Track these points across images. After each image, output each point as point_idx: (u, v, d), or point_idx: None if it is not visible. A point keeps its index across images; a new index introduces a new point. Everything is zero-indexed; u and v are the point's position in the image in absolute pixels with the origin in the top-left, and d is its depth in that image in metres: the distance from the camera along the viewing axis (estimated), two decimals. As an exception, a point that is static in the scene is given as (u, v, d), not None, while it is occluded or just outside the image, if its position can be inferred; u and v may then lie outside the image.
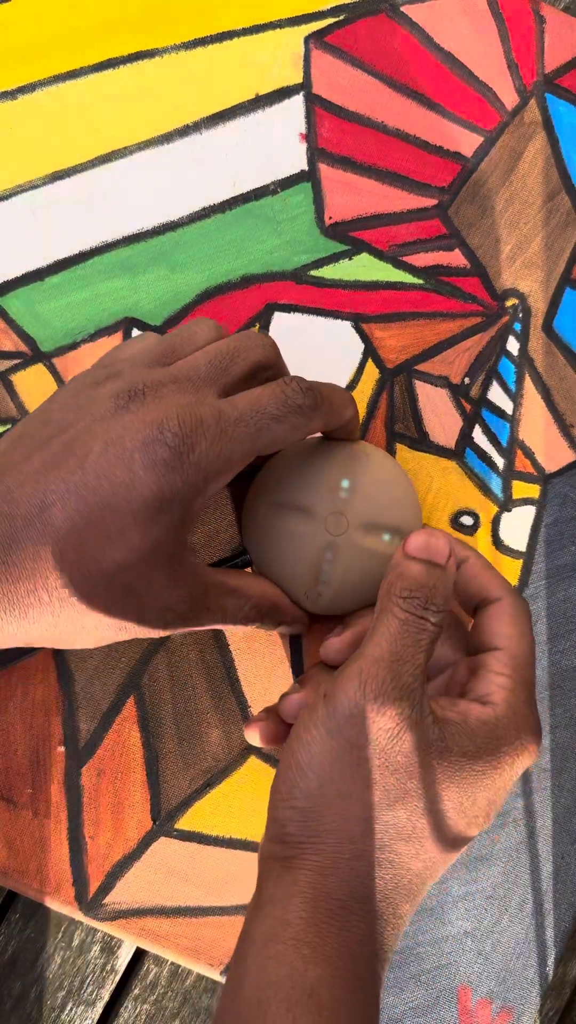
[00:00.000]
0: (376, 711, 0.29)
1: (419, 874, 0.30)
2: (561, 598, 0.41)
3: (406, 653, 0.30)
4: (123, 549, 0.29)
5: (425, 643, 0.31)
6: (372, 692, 0.30)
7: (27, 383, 0.41)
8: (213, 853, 0.39)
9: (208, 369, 0.32)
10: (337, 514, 0.35)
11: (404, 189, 0.43)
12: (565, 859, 0.40)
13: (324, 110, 0.43)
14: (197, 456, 0.30)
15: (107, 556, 0.29)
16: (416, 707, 0.30)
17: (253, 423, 0.31)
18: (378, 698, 0.30)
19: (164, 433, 0.29)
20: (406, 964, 0.39)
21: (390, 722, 0.29)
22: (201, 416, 0.30)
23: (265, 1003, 0.27)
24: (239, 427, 0.31)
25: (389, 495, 0.36)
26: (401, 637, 0.31)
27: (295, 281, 0.42)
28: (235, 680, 0.39)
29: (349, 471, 0.36)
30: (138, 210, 0.42)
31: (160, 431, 0.29)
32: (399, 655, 0.30)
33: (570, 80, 0.44)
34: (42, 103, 0.42)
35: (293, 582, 0.36)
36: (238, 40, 0.43)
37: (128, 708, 0.39)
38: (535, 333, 0.42)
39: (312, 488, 0.35)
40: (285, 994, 0.27)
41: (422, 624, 0.31)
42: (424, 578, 0.32)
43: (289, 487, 0.35)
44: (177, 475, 0.29)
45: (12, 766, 0.38)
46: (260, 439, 0.31)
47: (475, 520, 0.41)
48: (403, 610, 0.31)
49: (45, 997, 0.40)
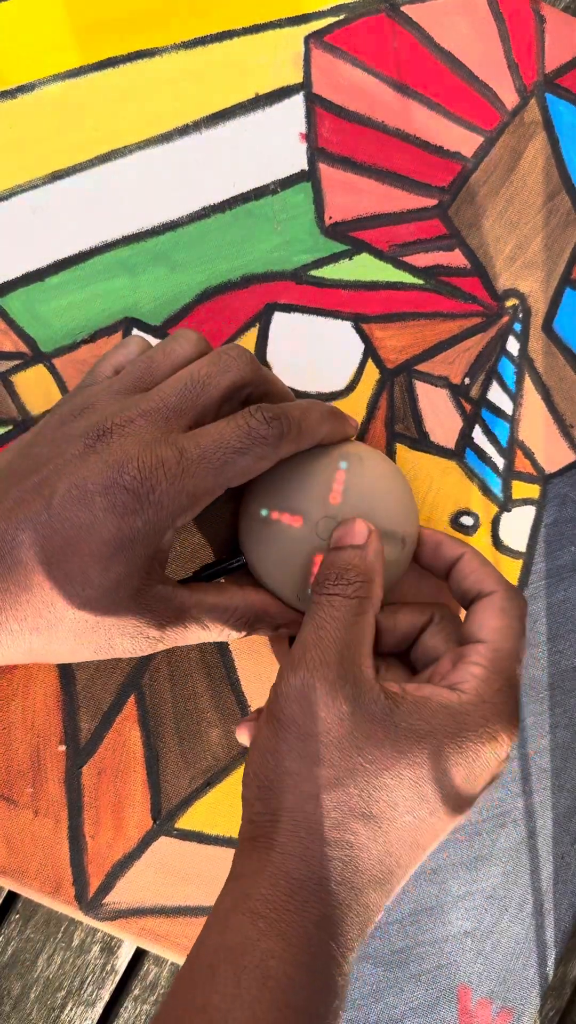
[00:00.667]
0: (308, 687, 0.31)
1: (382, 860, 0.30)
2: (561, 598, 0.41)
3: (327, 632, 0.32)
4: (85, 587, 0.31)
5: (347, 619, 0.32)
6: (300, 673, 0.31)
7: (27, 383, 0.41)
8: (213, 852, 0.39)
9: (178, 400, 0.33)
10: (329, 518, 0.35)
11: (404, 189, 0.43)
12: (565, 859, 0.40)
13: (324, 110, 0.43)
14: (158, 496, 0.31)
15: (70, 593, 0.31)
16: (350, 681, 0.31)
17: (216, 459, 0.32)
18: (307, 676, 0.31)
19: (123, 476, 0.31)
20: (406, 964, 0.39)
21: (323, 696, 0.30)
22: (162, 457, 0.31)
23: (215, 966, 0.28)
24: (201, 464, 0.31)
25: (383, 498, 0.36)
26: (320, 619, 0.32)
27: (295, 281, 0.42)
28: (235, 680, 0.40)
29: (341, 475, 0.35)
30: (138, 210, 0.42)
31: (120, 474, 0.31)
32: (320, 635, 0.32)
33: (570, 80, 0.44)
34: (42, 103, 0.42)
35: (286, 585, 0.36)
36: (238, 40, 0.43)
37: (129, 707, 0.39)
38: (535, 333, 0.42)
39: (304, 492, 0.35)
40: (235, 959, 0.28)
41: (336, 601, 0.32)
42: (338, 559, 0.33)
43: (282, 491, 0.35)
44: (137, 517, 0.31)
45: (12, 765, 0.38)
46: (224, 474, 0.32)
47: (475, 520, 0.41)
48: (318, 594, 0.33)
49: (45, 997, 0.40)
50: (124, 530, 0.31)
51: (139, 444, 0.31)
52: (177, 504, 0.31)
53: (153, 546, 0.32)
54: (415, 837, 0.31)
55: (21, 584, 0.31)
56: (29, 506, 0.31)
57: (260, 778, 0.31)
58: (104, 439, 0.32)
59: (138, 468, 0.31)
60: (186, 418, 0.33)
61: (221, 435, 0.32)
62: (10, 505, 0.32)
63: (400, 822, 0.30)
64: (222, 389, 0.33)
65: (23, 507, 0.31)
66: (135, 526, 0.31)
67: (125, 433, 0.32)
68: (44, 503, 0.31)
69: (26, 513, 0.31)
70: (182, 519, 0.32)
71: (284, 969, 0.28)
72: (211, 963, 0.29)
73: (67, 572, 0.31)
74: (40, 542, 0.31)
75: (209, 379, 0.33)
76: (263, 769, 0.31)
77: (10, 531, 0.31)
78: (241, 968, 0.28)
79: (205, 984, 0.28)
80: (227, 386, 0.33)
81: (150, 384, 0.34)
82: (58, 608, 0.31)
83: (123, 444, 0.32)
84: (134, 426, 0.32)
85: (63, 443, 0.33)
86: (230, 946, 0.29)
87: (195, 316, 0.41)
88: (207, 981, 0.28)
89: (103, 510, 0.31)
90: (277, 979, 0.28)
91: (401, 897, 0.39)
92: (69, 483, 0.31)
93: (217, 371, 0.33)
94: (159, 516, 0.31)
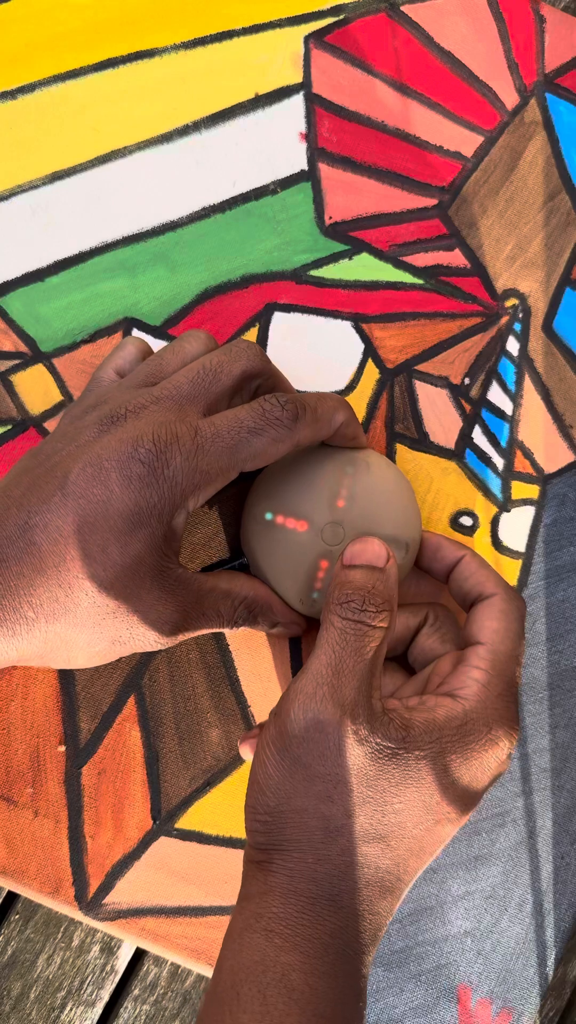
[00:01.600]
0: (318, 729, 0.30)
1: (390, 871, 0.30)
2: (560, 598, 0.41)
3: (346, 664, 0.30)
4: (105, 566, 0.30)
5: (367, 650, 0.31)
6: (313, 710, 0.30)
7: (27, 383, 0.41)
8: (213, 853, 0.39)
9: (191, 387, 0.32)
10: (334, 524, 0.35)
11: (404, 189, 0.43)
12: (565, 859, 0.40)
13: (324, 110, 0.43)
14: (172, 471, 0.30)
15: (90, 573, 0.30)
16: (363, 718, 0.30)
17: (231, 438, 0.31)
18: (319, 715, 0.30)
19: (138, 450, 0.30)
20: (406, 964, 0.39)
21: (335, 738, 0.30)
22: (177, 432, 0.31)
23: (238, 986, 0.28)
24: (216, 442, 0.31)
25: (388, 505, 0.36)
26: (340, 647, 0.31)
27: (295, 281, 0.42)
28: (235, 680, 0.40)
29: (347, 480, 0.35)
30: (138, 210, 0.42)
31: (135, 448, 0.30)
32: (339, 667, 0.30)
33: (570, 80, 0.44)
34: (42, 103, 0.42)
35: (289, 589, 0.36)
36: (238, 40, 0.43)
37: (128, 708, 0.39)
38: (535, 333, 0.42)
39: (309, 497, 0.35)
40: (257, 978, 0.28)
41: (361, 629, 0.31)
42: (361, 581, 0.32)
43: (287, 495, 0.35)
44: (152, 490, 0.30)
45: (12, 766, 0.38)
46: (238, 453, 0.31)
47: (474, 520, 0.41)
48: (340, 618, 0.31)
49: (45, 997, 0.40)
50: (141, 504, 0.30)
51: (154, 423, 0.31)
52: (191, 482, 0.31)
53: (168, 525, 0.31)
54: (422, 846, 0.31)
55: (35, 567, 0.30)
56: (42, 489, 0.31)
57: (263, 811, 0.31)
58: (118, 422, 0.32)
59: (153, 442, 0.30)
60: (199, 404, 0.32)
61: (236, 416, 0.32)
62: (23, 491, 0.31)
63: (408, 836, 0.30)
64: (234, 377, 0.33)
65: (36, 491, 0.31)
66: (151, 500, 0.30)
67: (140, 416, 0.32)
68: (58, 484, 0.30)
69: (40, 496, 0.30)
70: (194, 499, 0.31)
71: (306, 980, 0.28)
72: (233, 984, 0.28)
73: (85, 551, 0.30)
74: (55, 522, 0.30)
75: (221, 367, 0.33)
76: (265, 804, 0.31)
77: (22, 515, 0.30)
78: (264, 985, 0.28)
79: (232, 1004, 0.28)
80: (239, 374, 0.33)
81: (161, 379, 0.34)
82: (75, 591, 0.30)
83: (137, 423, 0.31)
84: (148, 410, 0.32)
85: (76, 434, 0.32)
86: (249, 966, 0.29)
87: (195, 316, 0.41)
88: (233, 1002, 0.28)
89: (118, 485, 0.30)
90: (301, 991, 0.28)
91: (401, 897, 0.39)
92: (84, 462, 0.30)
93: (228, 360, 0.33)
94: (173, 492, 0.30)
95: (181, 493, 0.31)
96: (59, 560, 0.30)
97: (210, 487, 0.31)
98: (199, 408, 0.32)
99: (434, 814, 0.31)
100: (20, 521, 0.30)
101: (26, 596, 0.30)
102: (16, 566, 0.30)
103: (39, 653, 0.31)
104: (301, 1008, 0.28)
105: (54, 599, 0.30)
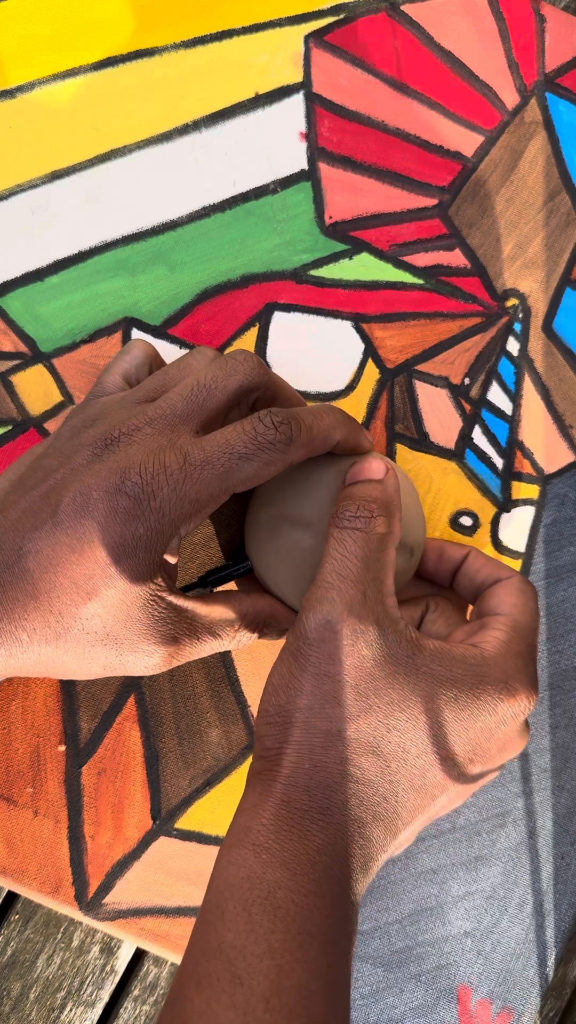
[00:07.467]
0: (329, 628, 0.31)
1: (386, 798, 0.30)
2: (560, 598, 0.41)
3: (350, 569, 0.31)
4: (92, 595, 0.31)
5: (369, 554, 0.31)
6: (323, 612, 0.31)
7: (27, 383, 0.40)
8: (213, 853, 0.39)
9: (184, 405, 0.32)
10: None
11: (404, 189, 0.43)
12: (565, 859, 0.40)
13: (324, 109, 0.43)
14: (159, 503, 0.30)
15: (78, 602, 0.31)
16: (371, 619, 0.31)
17: (220, 464, 0.31)
18: (328, 616, 0.31)
19: (125, 483, 0.30)
20: (406, 964, 0.39)
21: (345, 638, 0.30)
22: (165, 463, 0.31)
23: (223, 904, 0.28)
24: (205, 470, 0.31)
25: None
26: (341, 555, 0.32)
27: (295, 281, 0.42)
28: (235, 680, 0.40)
29: None
30: (138, 210, 0.42)
31: (122, 480, 0.30)
32: (343, 573, 0.31)
33: (571, 79, 0.44)
34: (42, 102, 0.42)
35: (294, 593, 0.35)
36: (238, 39, 0.43)
37: (128, 707, 0.39)
38: (535, 333, 0.42)
39: (314, 502, 0.35)
40: (242, 895, 0.28)
41: (358, 536, 0.32)
42: (357, 492, 0.33)
43: (291, 500, 0.35)
44: (139, 523, 0.30)
45: (12, 765, 0.38)
46: (229, 479, 0.31)
47: (474, 520, 0.41)
48: (339, 528, 0.32)
49: (45, 997, 0.40)
50: (127, 536, 0.30)
51: (144, 450, 0.31)
52: (179, 511, 0.31)
53: (157, 553, 0.31)
54: (423, 782, 0.31)
55: (29, 593, 0.30)
56: (36, 516, 0.31)
57: (272, 713, 0.31)
58: (111, 447, 0.32)
59: (140, 474, 0.31)
60: (193, 423, 0.32)
61: (227, 440, 0.32)
62: (18, 515, 0.32)
63: (409, 763, 0.30)
64: (228, 393, 0.33)
65: (30, 517, 0.31)
66: (137, 532, 0.30)
67: (132, 440, 0.32)
68: (50, 512, 0.31)
69: (33, 522, 0.31)
70: (186, 527, 0.31)
71: (292, 898, 0.28)
72: (219, 902, 0.29)
73: (73, 580, 0.30)
74: (47, 551, 0.30)
75: (215, 383, 0.33)
76: (276, 704, 0.31)
77: (17, 541, 0.31)
78: (250, 903, 0.28)
79: (217, 924, 0.28)
80: (234, 390, 0.33)
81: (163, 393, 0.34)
82: (66, 619, 0.31)
83: (128, 451, 0.31)
84: (141, 433, 0.32)
85: (72, 453, 0.33)
86: (235, 883, 0.29)
87: (195, 316, 0.41)
88: (218, 921, 0.28)
89: (105, 517, 0.30)
90: (287, 908, 0.28)
91: (401, 897, 0.39)
92: (74, 491, 0.31)
93: (223, 375, 0.33)
94: (161, 523, 0.31)
95: (170, 523, 0.31)
96: (50, 587, 0.30)
97: (201, 514, 0.32)
98: (192, 427, 0.32)
99: (440, 749, 0.31)
100: (16, 546, 0.31)
101: (20, 621, 0.30)
102: (12, 591, 0.30)
103: (35, 671, 0.32)
104: (286, 925, 0.28)
105: (47, 625, 0.31)
